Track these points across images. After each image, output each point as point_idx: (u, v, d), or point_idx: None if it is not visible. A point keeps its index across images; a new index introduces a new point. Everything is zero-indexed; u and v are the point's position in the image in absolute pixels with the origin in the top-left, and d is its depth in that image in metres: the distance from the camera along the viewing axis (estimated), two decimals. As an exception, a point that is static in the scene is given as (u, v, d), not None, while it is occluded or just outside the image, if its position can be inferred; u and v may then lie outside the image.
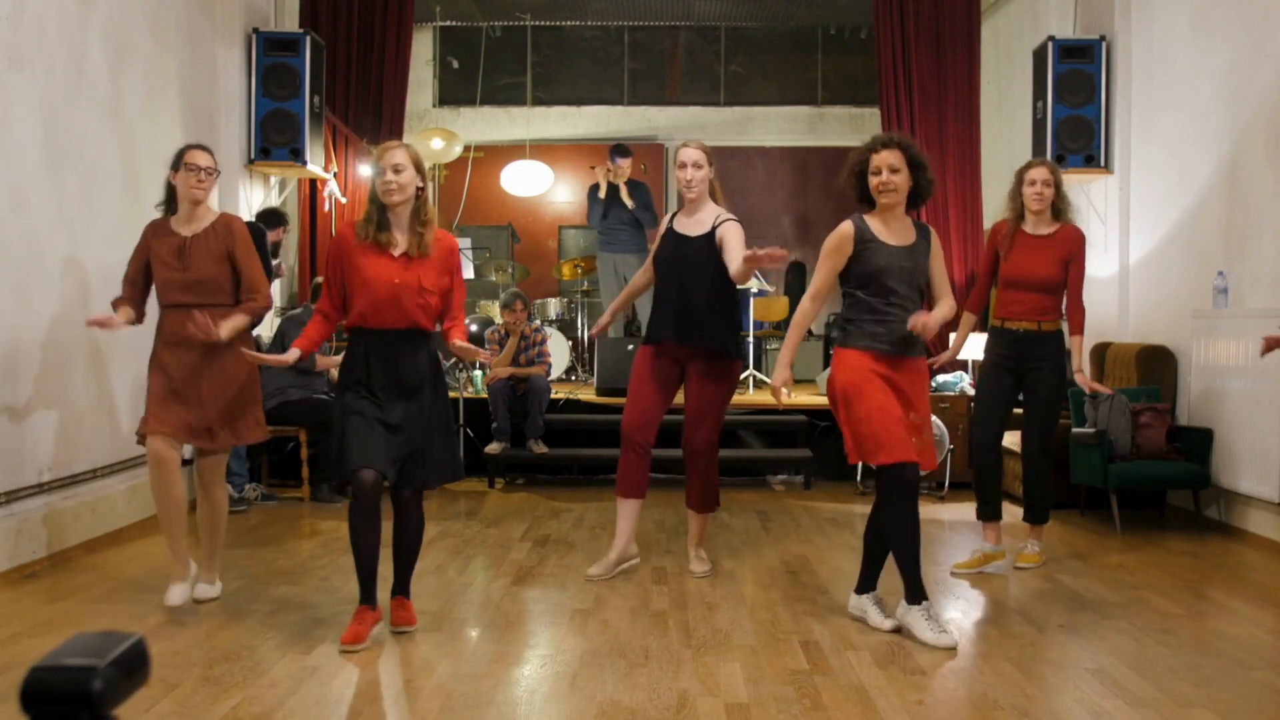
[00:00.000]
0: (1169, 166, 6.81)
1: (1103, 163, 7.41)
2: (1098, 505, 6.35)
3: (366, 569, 3.84)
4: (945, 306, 4.18)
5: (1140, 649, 3.83)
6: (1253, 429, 5.72)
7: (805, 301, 4.25)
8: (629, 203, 8.75)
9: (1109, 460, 6.07)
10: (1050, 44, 7.49)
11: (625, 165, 8.81)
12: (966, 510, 6.81)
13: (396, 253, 3.85)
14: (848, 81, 11.83)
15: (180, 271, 4.26)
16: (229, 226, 4.35)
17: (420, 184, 3.88)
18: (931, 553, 5.56)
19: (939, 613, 4.06)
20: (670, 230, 4.95)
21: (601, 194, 8.86)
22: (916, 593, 3.97)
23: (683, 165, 4.93)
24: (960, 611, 4.41)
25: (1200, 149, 6.41)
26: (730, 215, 4.85)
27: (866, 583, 4.19)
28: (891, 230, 4.13)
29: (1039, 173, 5.10)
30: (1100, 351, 7.12)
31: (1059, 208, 5.09)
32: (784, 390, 4.16)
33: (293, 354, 3.86)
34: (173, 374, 4.24)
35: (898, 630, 4.00)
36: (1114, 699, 3.29)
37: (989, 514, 5.17)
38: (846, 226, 4.12)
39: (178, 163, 4.35)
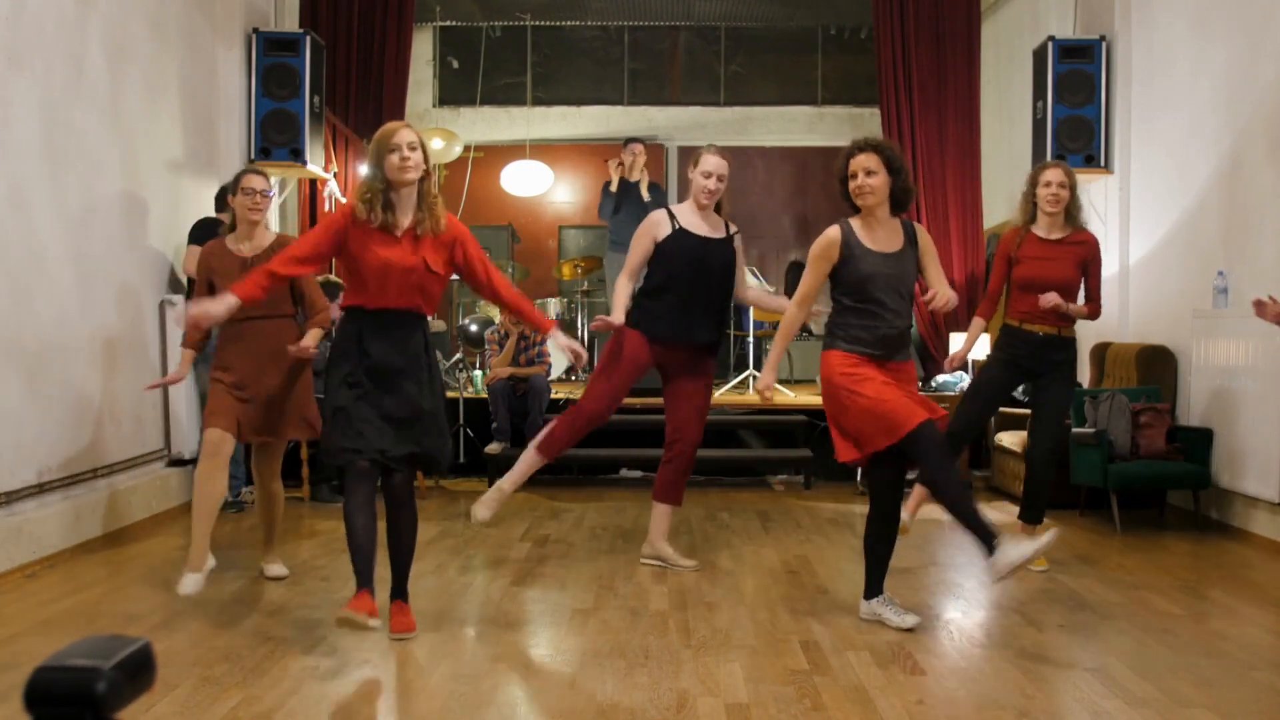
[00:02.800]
0: (1169, 167, 6.81)
1: (1103, 163, 7.41)
2: (1098, 505, 6.35)
3: (365, 553, 3.77)
4: (945, 292, 4.14)
5: (1140, 649, 3.82)
6: (1252, 429, 5.72)
7: (792, 307, 4.30)
8: (645, 195, 8.67)
9: (1109, 460, 6.07)
10: (1050, 44, 7.49)
11: (639, 150, 8.75)
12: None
13: (400, 234, 3.83)
14: (848, 81, 11.83)
15: None
16: (286, 247, 4.44)
17: (426, 165, 3.87)
18: (931, 553, 5.56)
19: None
20: (684, 230, 4.92)
21: (613, 188, 8.79)
22: (988, 536, 3.82)
23: (709, 174, 4.92)
24: (960, 611, 4.41)
25: (1200, 149, 6.41)
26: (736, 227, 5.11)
27: (874, 587, 4.17)
28: (876, 236, 4.12)
29: (1054, 174, 5.03)
30: (1100, 351, 7.12)
31: (1071, 211, 5.04)
32: (767, 393, 4.28)
33: (229, 298, 3.75)
34: (236, 372, 4.52)
35: (917, 625, 3.99)
36: (1114, 699, 3.29)
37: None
38: (833, 232, 4.13)
39: (235, 187, 4.69)
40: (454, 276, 4.20)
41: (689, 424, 4.95)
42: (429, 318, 3.99)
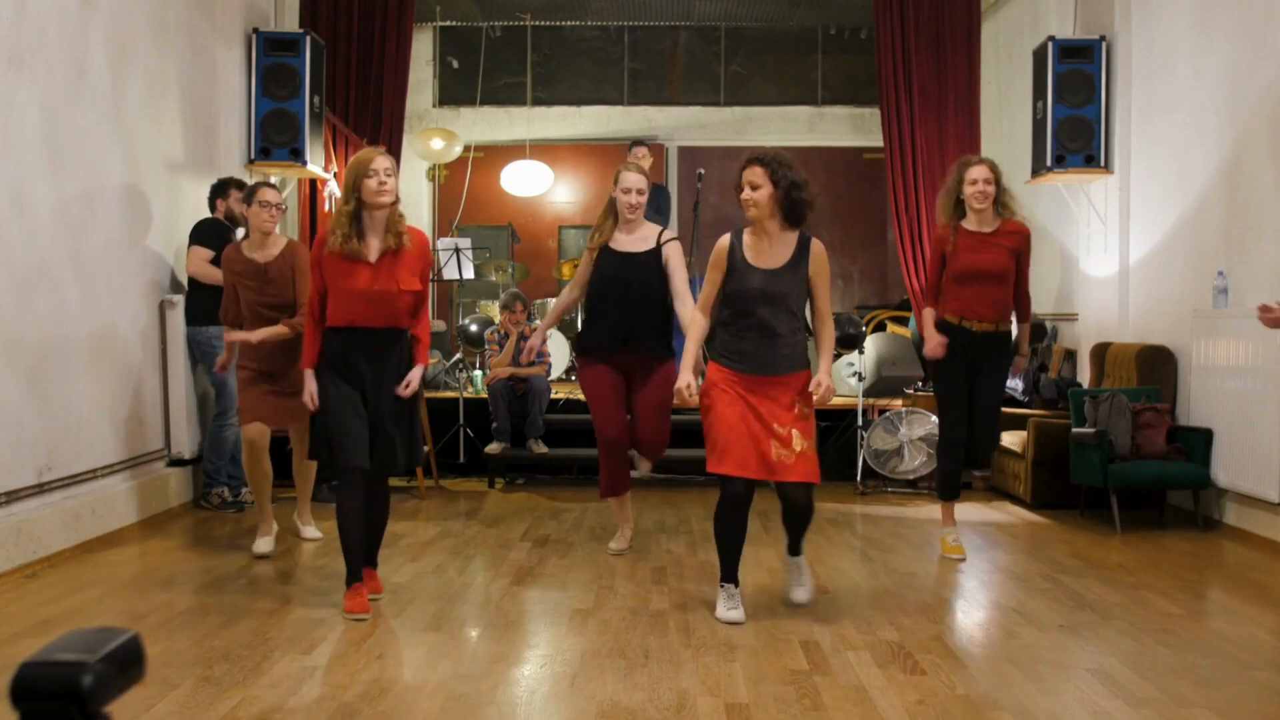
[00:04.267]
0: (1169, 166, 6.81)
1: (1103, 163, 7.41)
2: (1098, 505, 6.35)
3: (355, 550, 4.22)
4: (827, 340, 4.20)
5: (1140, 649, 3.83)
6: (1252, 429, 5.72)
7: (694, 312, 4.37)
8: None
9: (1109, 460, 6.07)
10: (1050, 44, 7.49)
11: (642, 154, 8.74)
12: (966, 510, 6.81)
13: (373, 257, 4.11)
14: (848, 81, 11.83)
15: (262, 294, 5.14)
16: (295, 252, 5.19)
17: (398, 191, 4.23)
18: (931, 553, 5.56)
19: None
20: (606, 247, 5.16)
21: None
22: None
23: (628, 190, 5.11)
24: (960, 611, 4.41)
25: (1200, 149, 6.41)
26: (674, 235, 5.26)
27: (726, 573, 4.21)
28: (762, 250, 4.13)
29: (979, 171, 5.16)
30: (1100, 351, 7.12)
31: (1004, 202, 5.20)
32: (685, 393, 4.22)
33: (309, 381, 4.24)
34: (260, 359, 5.11)
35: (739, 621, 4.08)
36: (1114, 699, 3.29)
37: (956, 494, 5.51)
38: (723, 242, 4.21)
39: (250, 198, 5.20)
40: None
41: (643, 421, 5.20)
42: (407, 331, 4.27)
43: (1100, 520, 6.26)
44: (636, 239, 5.15)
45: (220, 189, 6.55)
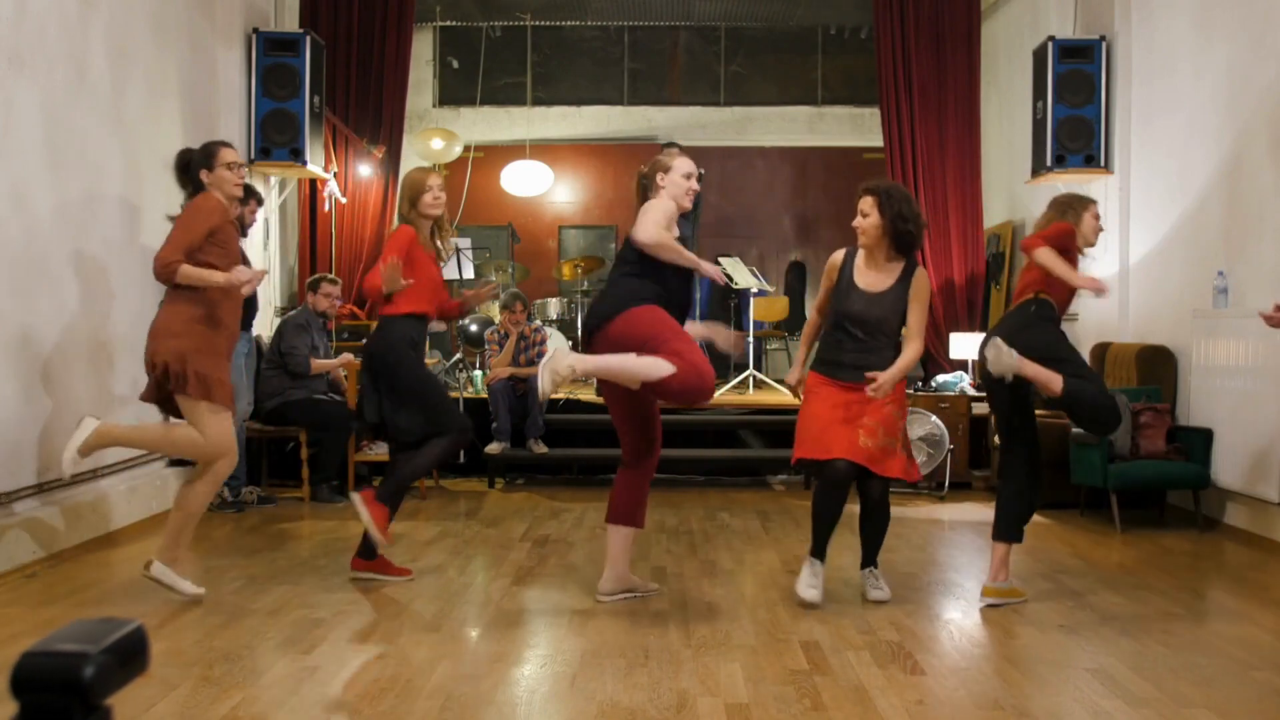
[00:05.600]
0: (1169, 167, 6.80)
1: (1103, 163, 7.41)
2: (1098, 505, 6.35)
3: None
4: (908, 353, 4.34)
5: (1140, 649, 3.82)
6: (1252, 429, 5.72)
7: (811, 313, 4.73)
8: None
9: (1109, 460, 6.07)
10: (1050, 44, 7.49)
11: (675, 153, 8.62)
12: (966, 510, 6.82)
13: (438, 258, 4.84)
14: (848, 81, 11.82)
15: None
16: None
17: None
18: (931, 553, 5.56)
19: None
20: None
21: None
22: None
23: (689, 175, 4.73)
24: (960, 611, 4.41)
25: (1200, 149, 6.41)
26: None
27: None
28: (868, 273, 4.40)
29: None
30: (1100, 351, 7.11)
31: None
32: (798, 388, 4.56)
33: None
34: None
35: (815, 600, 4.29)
36: (1114, 699, 3.29)
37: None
38: (837, 256, 4.50)
39: (210, 161, 4.65)
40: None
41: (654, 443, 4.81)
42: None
43: (1100, 520, 6.26)
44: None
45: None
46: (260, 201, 6.50)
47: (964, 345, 8.20)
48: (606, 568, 4.47)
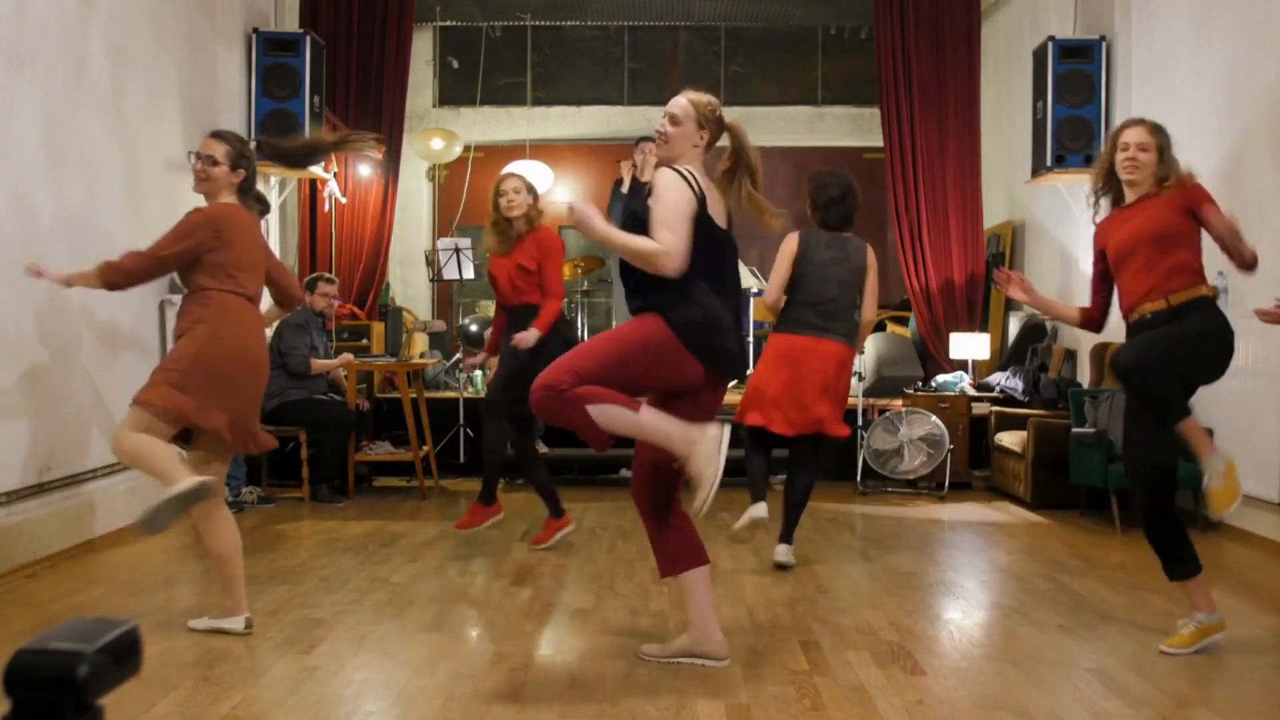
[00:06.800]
0: (1169, 166, 6.79)
1: (1103, 163, 7.40)
2: (1098, 505, 6.35)
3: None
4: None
5: (1140, 649, 3.82)
6: (1253, 429, 5.71)
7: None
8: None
9: (1109, 460, 6.07)
10: (1050, 44, 7.49)
11: (650, 149, 8.56)
12: (967, 510, 6.83)
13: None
14: (848, 81, 11.82)
15: None
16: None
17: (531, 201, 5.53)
18: (931, 553, 5.56)
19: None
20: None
21: (624, 189, 8.62)
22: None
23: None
24: (960, 611, 4.41)
25: (1201, 149, 6.40)
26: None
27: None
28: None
29: (1134, 134, 4.08)
30: (1100, 351, 7.11)
31: (1161, 175, 4.17)
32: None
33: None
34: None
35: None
36: (1114, 699, 3.29)
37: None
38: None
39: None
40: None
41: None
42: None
43: (1100, 520, 6.26)
44: None
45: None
46: (267, 209, 6.52)
47: (964, 345, 8.20)
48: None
